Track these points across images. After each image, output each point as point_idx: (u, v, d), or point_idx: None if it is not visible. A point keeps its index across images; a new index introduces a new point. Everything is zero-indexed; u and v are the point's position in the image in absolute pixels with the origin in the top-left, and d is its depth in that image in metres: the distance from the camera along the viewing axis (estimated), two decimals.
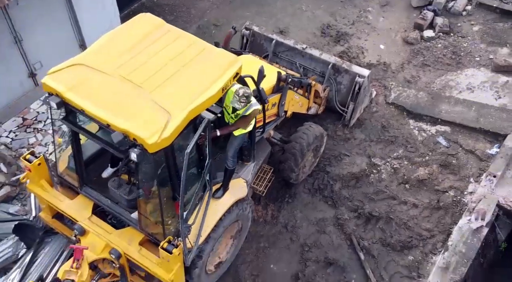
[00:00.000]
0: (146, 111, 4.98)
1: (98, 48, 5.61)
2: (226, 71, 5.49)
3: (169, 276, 5.50)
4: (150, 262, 5.66)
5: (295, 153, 7.72)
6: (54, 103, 5.15)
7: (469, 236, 7.53)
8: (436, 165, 8.65)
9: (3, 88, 8.95)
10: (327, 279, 7.39)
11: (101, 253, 5.70)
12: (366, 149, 9.03)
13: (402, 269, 7.51)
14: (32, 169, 6.03)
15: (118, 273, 5.91)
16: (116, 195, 5.95)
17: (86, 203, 6.14)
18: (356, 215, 8.12)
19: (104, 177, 6.30)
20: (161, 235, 5.64)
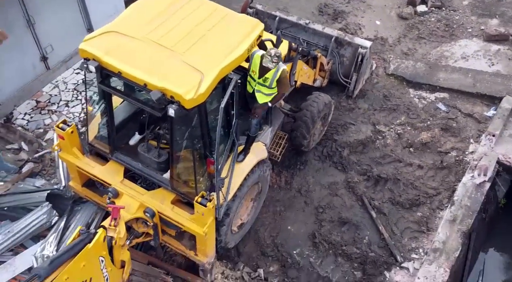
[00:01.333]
0: (180, 71, 5.31)
1: (127, 16, 5.93)
2: (250, 33, 5.86)
3: (203, 230, 5.85)
4: (183, 218, 6.01)
5: (306, 121, 8.10)
6: (93, 66, 5.40)
7: (473, 190, 8.03)
8: (437, 128, 9.13)
9: (17, 71, 9.16)
10: (342, 236, 7.82)
11: (136, 213, 6.01)
12: (370, 117, 9.47)
13: (412, 224, 7.96)
14: (65, 137, 6.31)
15: (151, 231, 6.22)
16: (147, 159, 6.28)
17: (117, 168, 6.45)
18: (365, 177, 8.55)
19: (131, 144, 6.62)
20: (193, 193, 5.97)
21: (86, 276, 4.85)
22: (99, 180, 6.50)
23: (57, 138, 6.59)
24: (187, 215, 6.03)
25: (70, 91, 9.92)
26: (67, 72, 10.22)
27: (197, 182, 5.94)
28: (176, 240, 6.49)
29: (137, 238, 6.27)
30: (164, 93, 5.11)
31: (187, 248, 6.42)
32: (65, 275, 4.50)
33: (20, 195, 7.12)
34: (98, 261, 5.08)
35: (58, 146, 6.59)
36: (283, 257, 7.48)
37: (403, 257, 7.54)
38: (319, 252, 7.65)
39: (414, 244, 7.72)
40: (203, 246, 6.22)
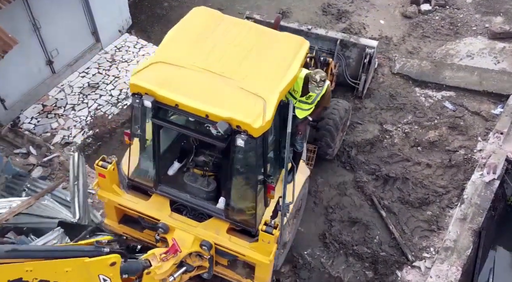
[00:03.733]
0: (240, 99, 5.13)
1: (168, 45, 5.70)
2: (298, 52, 5.71)
3: (269, 258, 5.64)
4: (244, 248, 5.76)
5: (330, 129, 7.98)
6: (148, 102, 5.10)
7: (483, 189, 8.02)
8: (444, 127, 9.13)
9: (23, 75, 9.15)
10: (352, 236, 7.81)
11: (192, 247, 5.77)
12: (377, 116, 9.47)
13: (422, 223, 7.97)
14: (107, 175, 5.98)
15: (206, 264, 6.02)
16: (194, 189, 6.06)
17: (162, 201, 6.15)
18: (374, 177, 8.55)
19: (170, 174, 6.38)
20: (252, 220, 5.78)
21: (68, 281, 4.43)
22: (145, 216, 6.15)
23: (97, 177, 6.17)
24: (246, 244, 5.80)
25: (76, 94, 9.91)
26: (73, 75, 10.22)
27: (257, 209, 5.73)
28: (230, 270, 6.31)
29: (189, 273, 6.03)
30: (230, 123, 4.95)
31: (243, 277, 6.24)
32: (29, 267, 4.10)
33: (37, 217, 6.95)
34: (96, 277, 4.64)
35: (97, 184, 6.24)
36: (294, 258, 7.47)
37: (414, 256, 7.54)
38: (330, 252, 7.64)
39: (425, 242, 7.72)
40: (264, 274, 6.02)
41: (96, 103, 9.78)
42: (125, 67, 10.52)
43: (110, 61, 10.63)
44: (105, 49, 10.81)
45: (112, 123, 9.41)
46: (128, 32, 11.24)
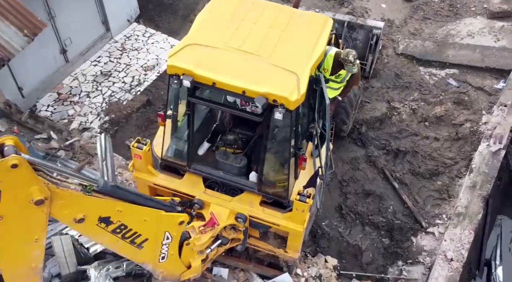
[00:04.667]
0: (274, 75, 5.33)
1: (200, 28, 5.89)
2: (323, 30, 5.97)
3: (303, 226, 5.93)
4: (278, 219, 6.03)
5: (345, 106, 8.26)
6: (187, 81, 5.27)
7: (490, 158, 8.37)
8: (450, 102, 9.48)
9: (39, 64, 9.36)
10: (367, 207, 8.13)
11: (227, 220, 6.03)
12: (384, 95, 9.80)
13: (433, 192, 8.31)
14: (143, 156, 6.15)
15: (241, 236, 6.28)
16: (227, 166, 6.30)
17: (196, 179, 6.37)
18: (385, 151, 8.88)
19: (200, 154, 6.59)
20: (284, 192, 6.03)
21: (141, 231, 4.76)
22: (181, 194, 6.32)
23: (133, 158, 6.33)
24: (280, 215, 6.05)
25: (89, 82, 10.14)
26: (85, 64, 10.44)
27: (289, 181, 5.97)
28: (263, 241, 6.58)
29: (224, 245, 6.26)
30: (267, 98, 5.17)
31: (275, 247, 6.49)
32: (120, 207, 4.40)
33: None
34: (162, 233, 5.00)
35: (132, 166, 6.43)
36: (313, 228, 7.76)
37: (428, 223, 7.88)
38: (347, 222, 7.96)
39: (437, 210, 8.06)
40: (296, 243, 6.29)
41: (110, 90, 10.01)
42: (136, 55, 10.75)
43: (121, 49, 10.86)
44: (115, 38, 11.03)
45: (128, 109, 9.64)
46: (136, 21, 11.46)
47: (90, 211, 4.29)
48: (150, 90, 10.05)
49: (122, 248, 4.88)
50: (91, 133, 9.18)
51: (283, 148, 5.89)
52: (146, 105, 9.72)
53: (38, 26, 6.72)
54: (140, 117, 9.52)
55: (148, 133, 9.07)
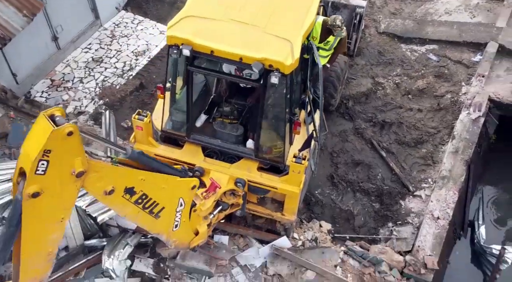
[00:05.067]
0: (270, 42, 5.61)
1: (195, 1, 6.18)
2: (313, 0, 6.34)
3: (299, 188, 6.29)
4: (275, 182, 6.36)
5: (333, 80, 8.62)
6: (187, 50, 5.50)
7: (470, 125, 8.86)
8: (431, 76, 9.94)
9: (32, 50, 9.52)
10: (357, 175, 8.54)
11: (228, 185, 6.33)
12: (369, 71, 10.22)
13: (419, 159, 8.76)
14: (144, 127, 6.41)
15: (240, 201, 6.60)
16: (225, 135, 6.62)
17: (195, 149, 6.64)
18: (372, 124, 9.30)
19: (198, 126, 6.86)
20: (280, 156, 6.35)
21: (159, 200, 4.95)
22: (182, 163, 6.52)
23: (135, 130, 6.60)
24: (277, 178, 6.37)
25: (81, 69, 10.33)
26: (76, 51, 10.62)
27: (285, 146, 6.30)
28: (261, 206, 6.91)
29: (224, 211, 6.59)
30: (263, 63, 5.42)
31: (273, 211, 6.84)
32: (143, 176, 4.61)
33: None
34: (176, 200, 5.28)
35: (134, 138, 6.70)
36: (307, 197, 8.14)
37: (415, 187, 8.33)
38: (339, 190, 8.36)
39: (423, 175, 8.51)
40: (293, 205, 6.63)
41: (103, 75, 10.23)
42: (126, 41, 10.97)
43: (111, 37, 11.06)
44: (104, 26, 11.23)
45: (121, 93, 9.86)
46: (125, 9, 11.67)
47: (118, 182, 4.42)
48: (142, 74, 10.29)
49: (142, 219, 5.08)
50: (87, 117, 9.39)
51: (279, 113, 6.22)
52: (139, 89, 9.96)
53: (37, 6, 6.93)
54: (133, 100, 9.76)
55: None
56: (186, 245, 6.26)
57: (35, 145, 3.65)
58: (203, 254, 7.06)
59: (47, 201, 3.85)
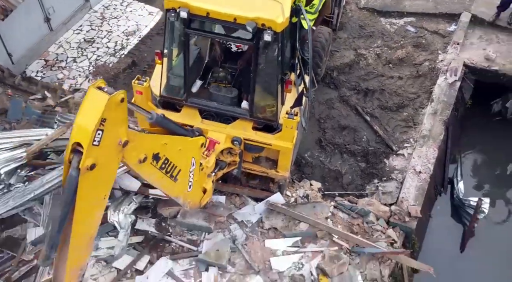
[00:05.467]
0: (261, 4, 6.05)
1: None
2: None
3: (292, 143, 6.73)
4: (270, 139, 6.79)
5: (319, 51, 9.05)
6: (185, 13, 5.90)
7: (447, 89, 9.45)
8: (410, 46, 10.51)
9: (25, 32, 9.81)
10: (344, 139, 9.07)
11: (225, 144, 6.75)
12: (351, 44, 10.74)
13: (401, 122, 9.33)
14: (143, 91, 6.77)
15: (237, 159, 7.02)
16: (220, 97, 7.01)
17: (192, 112, 7.04)
18: (355, 92, 9.83)
19: (194, 91, 7.21)
20: (273, 114, 6.78)
21: (177, 162, 5.26)
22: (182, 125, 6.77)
23: (135, 95, 6.93)
24: (271, 136, 6.81)
25: (74, 49, 10.65)
26: (68, 33, 10.94)
27: (277, 105, 6.73)
28: (256, 164, 7.36)
29: (222, 170, 6.97)
30: (256, 22, 5.81)
31: (267, 168, 7.30)
32: (166, 140, 5.00)
33: None
34: (189, 160, 5.64)
35: (135, 101, 6.94)
36: (297, 159, 8.61)
37: (398, 147, 8.88)
38: (327, 152, 8.87)
39: (405, 136, 9.08)
40: (286, 161, 7.07)
41: (95, 55, 10.56)
42: (116, 23, 11.32)
43: (101, 18, 11.39)
44: (94, 8, 11.55)
45: (114, 70, 10.22)
46: None
47: (148, 149, 4.67)
48: (134, 53, 10.65)
49: (164, 184, 5.38)
50: (82, 93, 9.71)
51: (271, 73, 6.65)
52: (132, 66, 10.32)
53: None
54: (127, 77, 10.11)
55: None
56: (198, 204, 6.68)
57: (91, 116, 3.82)
58: (202, 212, 7.49)
59: (99, 174, 3.99)
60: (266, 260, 7.18)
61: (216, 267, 7.06)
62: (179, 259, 7.20)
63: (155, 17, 11.46)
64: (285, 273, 7.06)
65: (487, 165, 9.84)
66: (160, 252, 7.23)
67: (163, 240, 7.37)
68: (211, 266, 7.09)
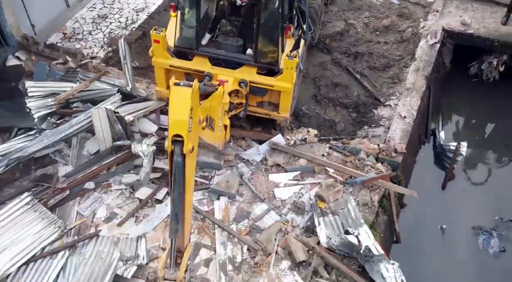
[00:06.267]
0: None
1: None
2: None
3: (292, 83, 7.78)
4: (272, 81, 7.81)
5: (312, 15, 9.95)
6: None
7: (428, 50, 10.54)
8: (394, 16, 11.62)
9: (46, 6, 10.80)
10: (336, 94, 10.08)
11: (233, 85, 7.76)
12: (341, 15, 11.83)
13: (387, 79, 10.37)
14: (160, 40, 7.72)
15: (243, 101, 8.00)
16: (227, 46, 8.01)
17: (203, 60, 8.00)
18: (346, 55, 10.88)
19: (203, 44, 8.22)
20: (275, 60, 7.78)
21: (213, 115, 6.56)
22: (193, 72, 7.97)
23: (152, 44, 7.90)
24: (273, 79, 7.81)
25: (89, 24, 11.64)
26: (83, 10, 11.94)
27: (278, 51, 7.74)
28: (260, 107, 8.39)
29: (231, 111, 7.94)
30: None
31: (270, 111, 8.33)
32: (209, 102, 6.50)
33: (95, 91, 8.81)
34: (218, 109, 6.80)
35: (152, 52, 8.00)
36: (295, 111, 9.60)
37: (385, 99, 9.91)
38: (322, 105, 9.88)
39: (391, 90, 10.11)
40: (286, 103, 8.09)
41: (109, 28, 11.56)
42: (126, 1, 12.34)
43: None
44: None
45: (126, 40, 11.07)
46: None
47: (204, 113, 5.88)
48: (143, 26, 11.64)
49: (208, 136, 6.75)
50: (99, 60, 10.68)
51: (273, 20, 7.67)
52: (142, 37, 11.30)
53: None
54: (138, 46, 11.09)
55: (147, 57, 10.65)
56: (224, 141, 7.92)
57: (182, 109, 4.92)
58: (212, 152, 8.46)
59: (195, 153, 5.22)
60: (270, 191, 8.15)
61: (226, 197, 8.03)
62: (193, 191, 8.15)
63: None
64: (287, 201, 8.04)
65: (465, 118, 10.95)
66: None
67: None
68: (222, 196, 8.05)
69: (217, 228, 7.63)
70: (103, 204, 7.87)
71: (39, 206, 7.39)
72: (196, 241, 7.46)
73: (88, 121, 8.11)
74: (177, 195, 5.13)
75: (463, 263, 8.41)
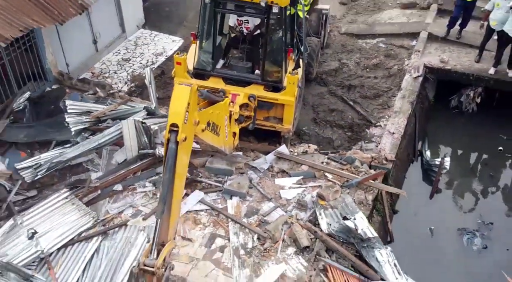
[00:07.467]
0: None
1: None
2: None
3: (294, 98, 9.10)
4: (277, 95, 9.14)
5: (311, 54, 11.65)
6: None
7: (412, 81, 12.05)
8: (382, 56, 13.30)
9: (79, 49, 12.49)
10: (333, 117, 11.44)
11: (243, 99, 8.94)
12: (336, 56, 13.52)
13: (377, 106, 11.79)
14: (182, 62, 9.18)
15: (252, 114, 9.13)
16: (238, 68, 9.50)
17: (217, 80, 9.37)
18: (341, 87, 12.40)
19: (218, 68, 9.79)
20: (279, 76, 9.15)
21: (218, 122, 7.64)
22: (209, 88, 9.01)
23: (175, 66, 9.46)
24: (277, 94, 9.15)
25: (114, 65, 13.30)
26: (109, 55, 13.64)
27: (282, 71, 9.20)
28: (266, 121, 9.70)
29: (241, 123, 9.05)
30: (267, 0, 8.29)
31: (275, 123, 9.64)
32: (212, 109, 7.60)
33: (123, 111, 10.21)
34: (224, 117, 7.90)
35: (174, 73, 9.49)
36: (296, 131, 10.88)
37: (376, 121, 11.26)
38: (320, 126, 11.21)
39: (381, 114, 11.49)
40: (289, 115, 9.29)
41: (132, 68, 13.20)
42: (147, 47, 14.11)
43: (134, 45, 14.19)
44: (129, 38, 14.38)
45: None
46: (143, 27, 14.92)
47: (206, 119, 7.06)
48: (162, 67, 13.28)
49: (212, 139, 7.81)
50: (123, 93, 12.16)
51: (278, 43, 9.23)
52: (161, 75, 12.89)
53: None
54: (158, 82, 12.60)
55: (166, 91, 12.17)
56: (232, 146, 9.03)
57: (180, 103, 5.80)
58: (225, 160, 9.65)
59: (187, 144, 5.92)
60: (277, 192, 9.22)
61: (238, 196, 9.10)
62: (208, 193, 9.23)
63: (178, 43, 14.27)
64: (292, 200, 9.09)
65: (447, 141, 12.22)
66: (193, 189, 9.27)
67: (194, 181, 9.42)
68: (234, 196, 9.13)
69: (230, 221, 8.64)
70: (129, 203, 8.92)
71: (76, 200, 8.47)
72: (212, 232, 8.43)
73: (118, 132, 9.39)
74: (167, 178, 5.60)
75: (450, 258, 9.32)
